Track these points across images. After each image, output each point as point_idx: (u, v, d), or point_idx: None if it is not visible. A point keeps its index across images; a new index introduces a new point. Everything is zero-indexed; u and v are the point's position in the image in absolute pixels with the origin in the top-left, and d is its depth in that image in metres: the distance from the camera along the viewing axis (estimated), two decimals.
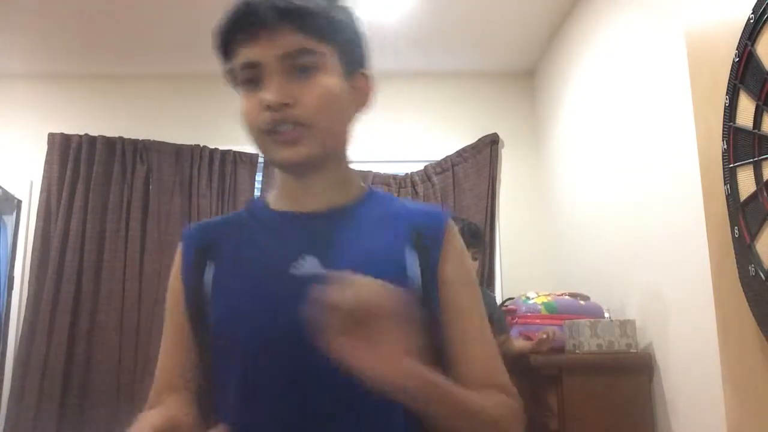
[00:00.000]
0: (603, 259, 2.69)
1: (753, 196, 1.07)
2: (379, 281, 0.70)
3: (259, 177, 3.53)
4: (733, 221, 1.13)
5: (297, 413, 0.81)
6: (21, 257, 3.44)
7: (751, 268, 1.07)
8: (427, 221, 0.91)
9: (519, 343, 2.35)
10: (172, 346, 0.92)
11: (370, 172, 3.56)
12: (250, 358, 0.83)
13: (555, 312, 2.40)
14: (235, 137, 3.64)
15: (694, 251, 1.93)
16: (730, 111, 1.13)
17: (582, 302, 2.47)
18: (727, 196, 1.15)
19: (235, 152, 3.52)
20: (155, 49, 3.40)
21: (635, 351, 2.21)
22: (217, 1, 0.92)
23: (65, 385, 3.16)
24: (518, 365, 2.43)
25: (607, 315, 2.47)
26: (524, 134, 3.70)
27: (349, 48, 0.88)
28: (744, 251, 1.10)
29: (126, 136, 3.51)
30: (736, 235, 1.12)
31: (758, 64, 1.05)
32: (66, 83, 3.70)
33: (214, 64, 0.86)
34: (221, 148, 3.52)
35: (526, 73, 3.76)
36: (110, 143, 3.48)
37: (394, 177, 3.58)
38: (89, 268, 3.31)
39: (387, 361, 0.69)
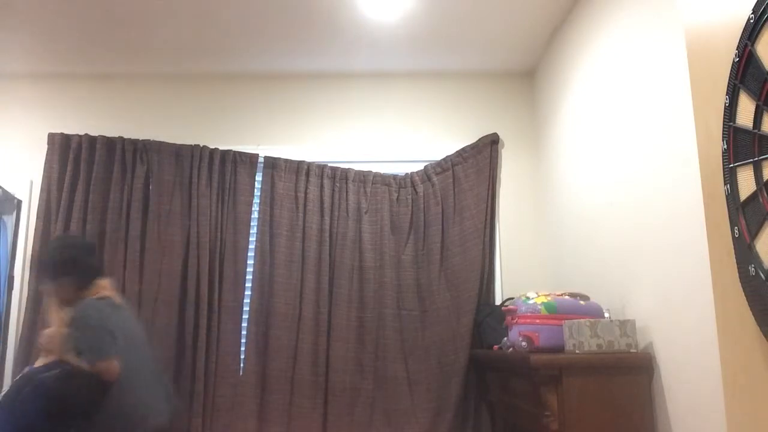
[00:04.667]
0: (603, 259, 2.69)
1: (753, 196, 1.07)
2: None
3: (258, 177, 3.52)
4: (733, 221, 1.13)
5: None
6: (21, 257, 3.45)
7: (751, 268, 1.07)
8: None
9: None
10: None
11: (371, 172, 3.56)
12: None
13: (555, 312, 2.40)
14: (235, 137, 3.67)
15: (694, 251, 1.93)
16: (730, 111, 1.13)
17: (582, 302, 2.47)
18: (727, 196, 1.15)
19: (235, 152, 3.52)
20: (155, 49, 3.40)
21: (635, 351, 2.22)
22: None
23: None
24: (519, 365, 2.43)
25: (607, 315, 2.47)
26: (524, 134, 3.70)
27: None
28: (744, 251, 1.10)
29: (126, 136, 3.52)
30: (736, 235, 1.12)
31: (758, 64, 1.05)
32: (66, 83, 3.71)
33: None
34: (221, 148, 3.52)
35: (526, 73, 3.77)
36: (110, 143, 3.48)
37: (394, 177, 3.58)
38: None
39: None
